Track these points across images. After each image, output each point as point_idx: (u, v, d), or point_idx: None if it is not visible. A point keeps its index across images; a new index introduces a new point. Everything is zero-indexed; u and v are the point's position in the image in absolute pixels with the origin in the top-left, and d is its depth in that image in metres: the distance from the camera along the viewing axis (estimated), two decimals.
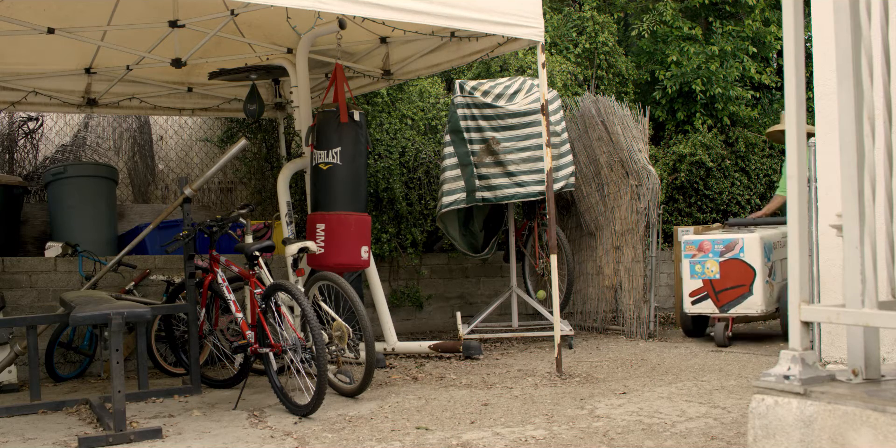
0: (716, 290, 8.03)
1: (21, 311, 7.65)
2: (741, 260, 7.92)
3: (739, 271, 7.93)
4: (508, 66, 10.68)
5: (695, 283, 8.15)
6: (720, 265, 8.00)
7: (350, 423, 5.33)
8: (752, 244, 7.90)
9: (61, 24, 7.46)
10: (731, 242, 7.96)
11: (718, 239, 8.04)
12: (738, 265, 7.94)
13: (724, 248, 7.98)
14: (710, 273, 8.04)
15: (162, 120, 10.77)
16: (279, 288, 5.84)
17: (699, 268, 8.12)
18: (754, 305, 7.93)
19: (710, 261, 8.05)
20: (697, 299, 8.16)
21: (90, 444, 4.92)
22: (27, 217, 9.21)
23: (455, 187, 8.38)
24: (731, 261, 7.97)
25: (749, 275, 7.88)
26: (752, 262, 7.88)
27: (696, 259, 8.12)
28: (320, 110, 7.33)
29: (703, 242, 8.09)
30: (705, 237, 8.12)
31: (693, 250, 8.13)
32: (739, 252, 7.90)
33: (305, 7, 5.57)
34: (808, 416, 2.80)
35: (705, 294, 8.11)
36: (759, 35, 12.91)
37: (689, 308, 8.27)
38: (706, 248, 8.05)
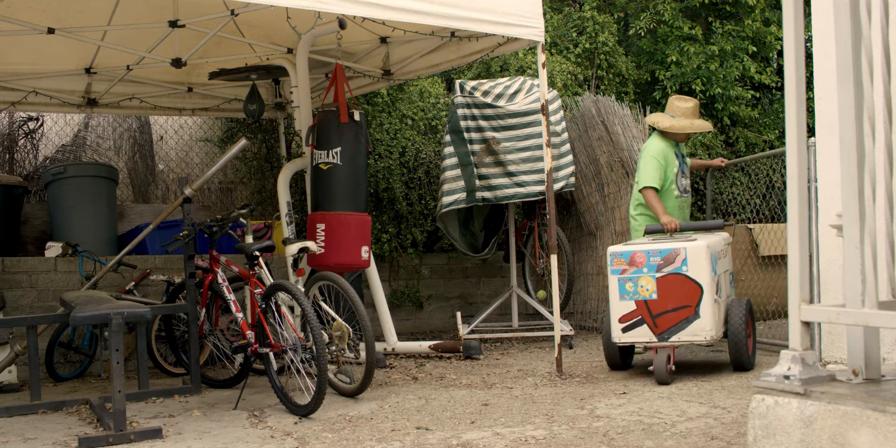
0: (653, 313, 6.24)
1: (21, 311, 7.65)
2: (684, 275, 6.17)
3: (682, 289, 6.18)
4: (509, 66, 10.68)
5: (625, 305, 6.32)
6: (657, 282, 6.21)
7: (350, 423, 5.33)
8: (697, 255, 6.17)
9: (61, 24, 7.46)
10: (670, 253, 6.21)
11: (654, 249, 6.25)
12: (681, 281, 6.18)
13: (662, 260, 6.22)
14: (646, 292, 6.25)
15: (162, 120, 10.77)
16: (279, 288, 5.84)
17: (631, 286, 6.30)
18: (702, 331, 6.17)
19: (645, 277, 6.25)
20: (630, 326, 6.32)
21: (90, 444, 4.92)
22: (27, 217, 9.21)
23: (455, 187, 8.38)
24: (672, 277, 6.20)
25: (694, 293, 6.15)
26: (698, 278, 6.15)
27: (627, 275, 6.30)
28: (320, 110, 7.33)
29: (635, 255, 6.29)
30: (637, 248, 6.33)
31: (622, 264, 6.33)
32: (682, 265, 6.18)
33: (305, 7, 5.57)
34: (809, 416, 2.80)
35: (639, 319, 6.29)
36: (759, 35, 12.91)
37: (618, 337, 6.40)
38: (639, 261, 6.27)
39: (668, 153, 7.33)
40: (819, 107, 5.51)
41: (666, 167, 7.29)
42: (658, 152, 7.29)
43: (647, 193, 7.18)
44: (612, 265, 6.40)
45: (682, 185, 7.46)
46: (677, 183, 7.40)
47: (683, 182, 7.50)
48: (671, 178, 7.34)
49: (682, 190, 7.45)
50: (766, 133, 12.99)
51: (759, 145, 12.95)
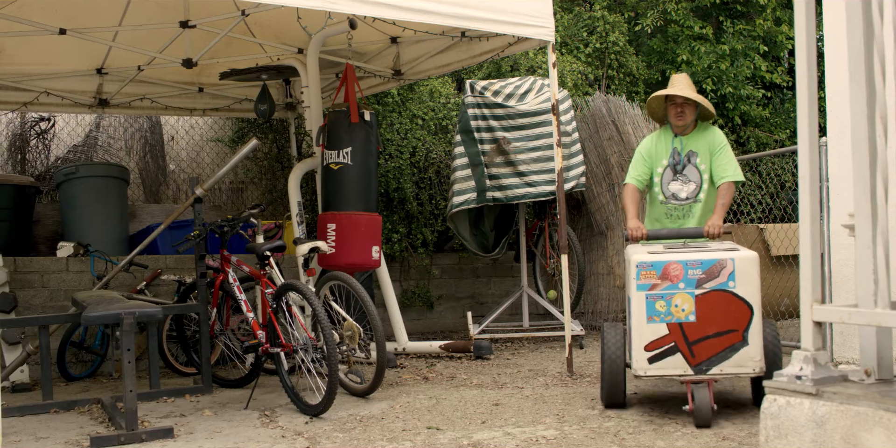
0: (689, 339, 5.09)
1: (33, 311, 7.67)
2: (731, 292, 5.06)
3: (728, 310, 5.08)
4: (519, 65, 10.67)
5: (654, 329, 5.12)
6: (697, 301, 5.07)
7: (361, 422, 5.33)
8: (747, 268, 5.08)
9: (73, 25, 7.48)
10: (714, 265, 5.10)
11: (694, 260, 5.12)
12: (726, 301, 5.08)
13: (704, 274, 5.10)
14: (681, 313, 5.09)
15: (173, 120, 10.79)
16: (290, 288, 5.84)
17: (662, 305, 5.12)
18: (750, 361, 5.05)
19: (681, 295, 5.10)
20: (659, 354, 5.11)
21: (102, 443, 4.94)
22: (39, 217, 9.24)
23: (466, 187, 8.38)
24: (715, 295, 5.08)
25: (743, 315, 5.07)
26: (748, 296, 5.06)
27: (658, 292, 5.12)
28: (331, 110, 7.34)
29: (670, 266, 5.14)
30: (672, 257, 5.17)
31: (651, 278, 5.15)
32: (728, 280, 5.08)
33: (316, 7, 5.58)
34: (821, 416, 2.79)
35: (672, 346, 5.10)
36: (770, 34, 12.88)
37: (643, 368, 5.13)
38: (674, 274, 5.12)
39: (658, 147, 6.18)
40: (830, 106, 5.49)
41: (651, 163, 6.20)
42: (643, 145, 6.30)
43: (622, 190, 6.28)
44: (639, 279, 5.16)
45: (671, 190, 6.16)
46: (662, 186, 6.15)
47: (675, 186, 6.16)
48: (658, 179, 6.18)
49: (670, 196, 6.15)
50: (777, 133, 12.96)
51: (770, 145, 12.92)
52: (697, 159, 6.09)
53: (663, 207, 6.16)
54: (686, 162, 6.13)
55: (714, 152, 6.02)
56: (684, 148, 6.13)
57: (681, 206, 6.13)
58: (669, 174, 6.15)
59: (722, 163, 5.97)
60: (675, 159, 6.15)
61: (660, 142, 6.21)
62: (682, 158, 6.14)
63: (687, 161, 6.13)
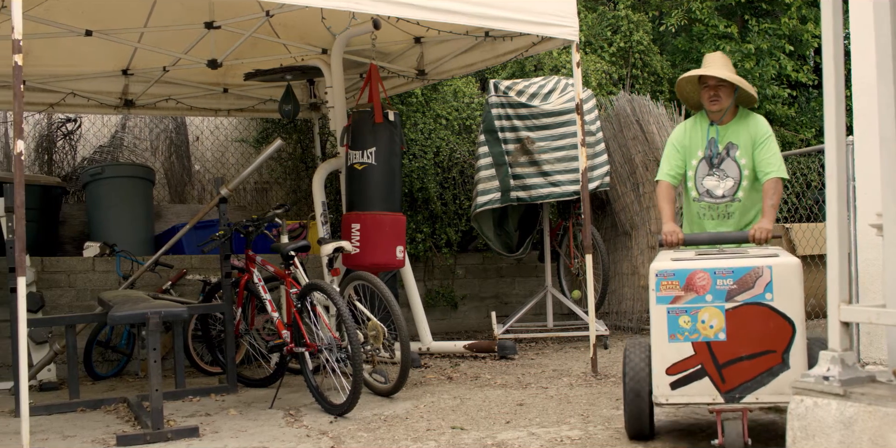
0: (719, 361, 4.36)
1: (60, 311, 7.72)
2: (768, 306, 4.31)
3: (765, 327, 4.33)
4: (543, 65, 10.65)
5: (678, 348, 4.41)
6: (728, 317, 4.35)
7: (385, 422, 5.34)
8: (787, 277, 4.31)
9: (99, 26, 7.53)
10: (748, 274, 4.36)
11: (724, 268, 4.39)
12: (763, 316, 4.32)
13: (736, 284, 4.37)
14: (709, 331, 4.37)
15: (198, 121, 10.84)
16: (315, 287, 5.86)
17: (686, 321, 4.42)
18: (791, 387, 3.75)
19: (709, 309, 4.38)
20: (683, 379, 4.40)
21: (128, 442, 4.96)
22: (66, 217, 9.30)
23: (490, 187, 8.38)
24: (750, 309, 4.33)
25: (783, 333, 4.29)
26: (789, 311, 4.28)
27: (682, 305, 4.42)
28: (355, 110, 7.35)
29: (695, 275, 4.42)
30: (698, 264, 4.46)
31: (674, 289, 4.45)
32: (765, 292, 4.32)
33: (340, 7, 5.59)
34: (849, 417, 2.77)
35: (699, 368, 4.38)
36: (795, 33, 12.80)
37: (665, 395, 4.42)
38: (700, 285, 4.41)
39: (692, 136, 5.44)
40: (857, 105, 5.46)
41: (684, 154, 5.45)
42: (675, 134, 5.54)
43: (656, 189, 5.69)
44: (659, 290, 4.45)
45: (705, 186, 5.39)
46: (696, 181, 5.41)
47: (710, 182, 5.39)
48: (692, 172, 5.44)
49: (704, 193, 5.40)
50: (802, 132, 12.88)
51: (797, 144, 12.85)
52: (737, 152, 5.31)
53: (696, 206, 5.46)
54: (724, 155, 5.35)
55: (757, 144, 5.25)
56: (722, 138, 5.35)
57: (716, 205, 5.38)
58: (704, 168, 5.40)
59: (766, 157, 5.21)
60: (712, 151, 5.36)
61: (694, 130, 5.45)
62: (719, 150, 5.35)
63: (725, 154, 5.35)
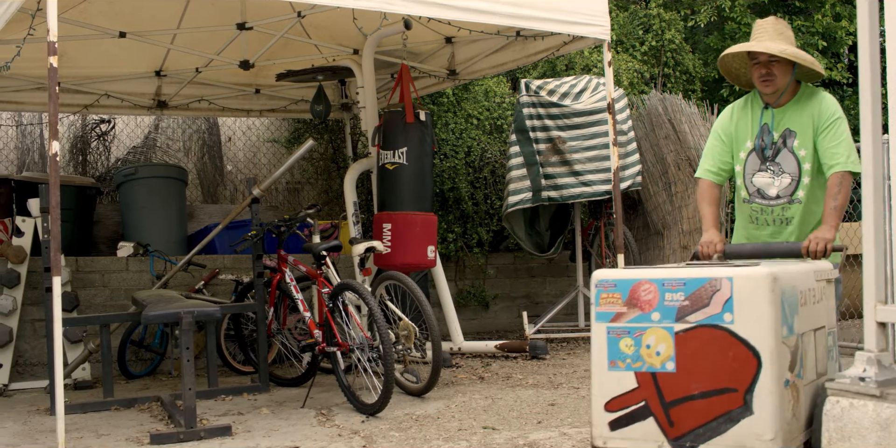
0: (666, 398, 3.42)
1: (94, 310, 7.79)
2: (726, 330, 3.32)
3: (722, 357, 3.33)
4: (574, 64, 10.63)
5: (618, 379, 3.53)
6: (677, 341, 3.40)
7: (417, 422, 5.34)
8: (752, 293, 3.29)
9: (132, 28, 7.58)
10: (702, 288, 3.38)
11: (673, 279, 3.45)
12: (720, 342, 3.33)
13: (688, 300, 3.40)
14: (655, 359, 3.44)
15: (230, 121, 10.90)
16: (346, 287, 5.87)
17: (629, 345, 3.50)
18: (755, 440, 3.24)
19: (655, 330, 3.44)
20: (625, 417, 3.53)
21: (162, 440, 5.00)
22: (100, 217, 9.37)
23: (521, 187, 8.37)
24: (704, 332, 3.36)
25: (746, 366, 3.28)
26: (753, 338, 3.27)
27: (623, 324, 3.52)
28: (386, 110, 7.36)
29: (639, 287, 3.51)
30: (644, 274, 3.54)
31: (615, 303, 3.55)
32: (723, 312, 3.32)
33: (371, 8, 5.60)
34: (885, 418, 2.75)
35: (642, 406, 3.47)
36: (829, 30, 12.69)
37: (603, 435, 3.60)
38: (645, 299, 3.48)
39: (741, 122, 4.46)
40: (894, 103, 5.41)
41: (731, 145, 4.50)
42: (720, 121, 4.57)
43: (697, 187, 4.66)
44: (599, 304, 3.57)
45: (756, 184, 4.40)
46: (745, 178, 4.44)
47: (762, 179, 4.38)
48: (740, 167, 4.47)
49: (755, 193, 4.42)
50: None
51: None
52: (795, 141, 4.30)
53: (747, 209, 4.48)
54: (780, 145, 4.34)
55: (820, 130, 4.23)
56: (778, 124, 4.35)
57: (769, 208, 4.37)
58: (755, 162, 4.41)
59: (831, 145, 4.19)
60: (764, 141, 4.38)
61: (743, 115, 4.47)
62: (773, 139, 4.35)
63: (782, 143, 4.34)
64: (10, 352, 7.13)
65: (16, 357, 7.28)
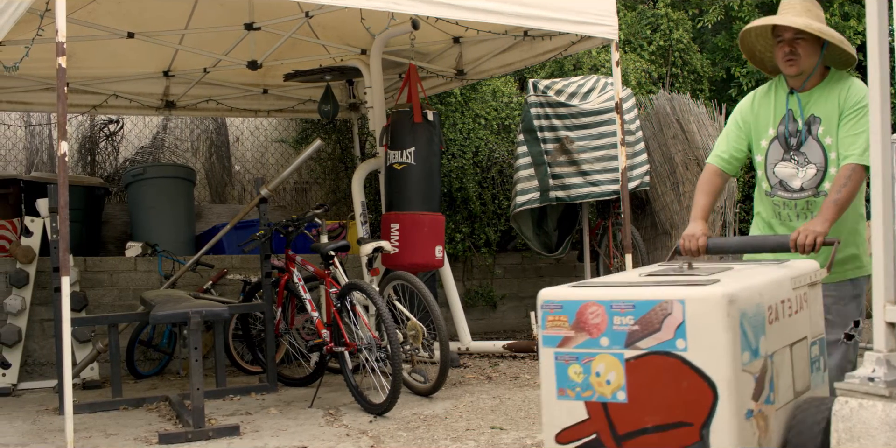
0: (618, 432, 3.03)
1: (102, 310, 7.80)
2: (680, 359, 2.90)
3: (677, 388, 2.91)
4: (582, 64, 10.62)
5: (569, 409, 3.10)
6: (628, 370, 2.99)
7: (425, 422, 5.34)
8: (707, 317, 2.86)
9: (140, 29, 7.60)
10: (653, 311, 2.94)
11: (622, 301, 3.00)
12: (674, 372, 2.92)
13: (638, 324, 2.97)
14: (605, 388, 3.03)
15: (238, 121, 10.91)
16: (354, 287, 5.87)
17: (578, 373, 3.09)
18: None
19: (604, 357, 3.04)
20: None
21: (170, 440, 5.01)
22: (108, 217, 9.39)
23: (529, 187, 8.36)
24: (656, 360, 2.94)
25: (702, 398, 2.86)
26: (709, 368, 2.85)
27: (571, 350, 3.09)
28: (394, 110, 7.37)
29: (587, 308, 3.06)
30: (593, 295, 3.09)
31: (563, 326, 3.10)
32: (675, 337, 2.91)
33: (379, 8, 5.60)
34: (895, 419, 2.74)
35: (594, 438, 3.06)
36: (838, 29, 12.66)
37: None
38: (593, 322, 3.05)
39: (764, 108, 4.11)
40: None
41: (749, 132, 4.14)
42: (741, 105, 4.22)
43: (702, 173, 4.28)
44: (546, 327, 3.12)
45: (778, 175, 4.05)
46: (767, 169, 4.08)
47: (784, 170, 4.03)
48: (761, 157, 4.11)
49: (777, 184, 4.07)
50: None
51: None
52: (820, 128, 3.94)
53: (768, 202, 4.13)
54: (805, 132, 3.97)
55: (844, 115, 3.89)
56: (804, 110, 3.99)
57: (792, 202, 4.03)
58: (777, 151, 4.06)
59: (850, 133, 3.85)
60: (787, 128, 4.00)
61: (766, 100, 4.12)
62: (798, 127, 3.98)
63: (807, 131, 3.97)
64: (19, 351, 7.15)
65: (25, 357, 7.30)
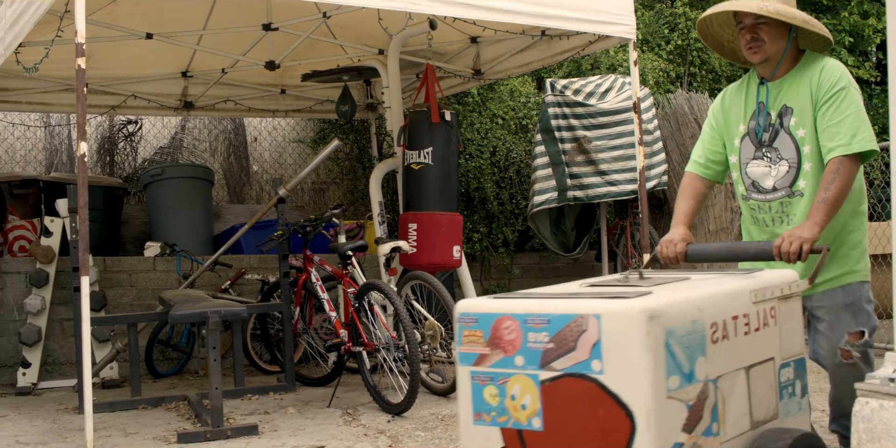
0: None
1: (121, 310, 7.83)
2: (596, 382, 2.44)
3: (593, 415, 2.45)
4: (599, 64, 10.60)
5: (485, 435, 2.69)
6: (543, 393, 2.54)
7: (442, 421, 5.34)
8: (622, 335, 2.42)
9: (159, 30, 7.62)
10: (569, 326, 2.49)
11: (538, 313, 2.56)
12: (590, 398, 2.46)
13: (553, 341, 2.52)
14: (521, 413, 2.60)
15: (256, 121, 10.94)
16: (372, 287, 5.88)
17: (493, 395, 2.67)
18: None
19: (520, 378, 2.59)
20: None
21: (189, 439, 5.02)
22: (127, 218, 9.43)
23: (546, 187, 8.35)
24: (572, 383, 2.49)
25: (619, 427, 2.41)
26: (626, 393, 2.40)
27: (487, 369, 2.69)
28: (412, 110, 7.37)
29: (502, 323, 2.64)
30: (507, 307, 2.66)
31: (478, 342, 2.73)
32: (591, 357, 2.45)
33: (396, 8, 5.60)
34: None
35: None
36: (856, 28, 12.59)
37: None
38: (508, 338, 2.63)
39: (734, 103, 3.73)
40: None
41: (722, 130, 3.78)
42: (715, 103, 3.87)
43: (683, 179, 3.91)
44: (462, 343, 2.80)
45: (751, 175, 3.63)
46: (741, 168, 3.67)
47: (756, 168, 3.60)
48: (735, 157, 3.71)
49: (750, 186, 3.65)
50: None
51: None
52: (792, 119, 3.49)
53: (746, 206, 3.73)
54: (777, 126, 3.54)
55: (820, 103, 3.39)
56: (774, 101, 3.56)
57: (766, 204, 3.59)
58: (749, 148, 3.64)
59: (831, 123, 3.34)
60: (760, 122, 3.58)
61: (737, 95, 3.73)
62: (771, 120, 3.56)
63: (779, 124, 3.53)
64: (38, 351, 7.19)
65: (44, 356, 7.34)
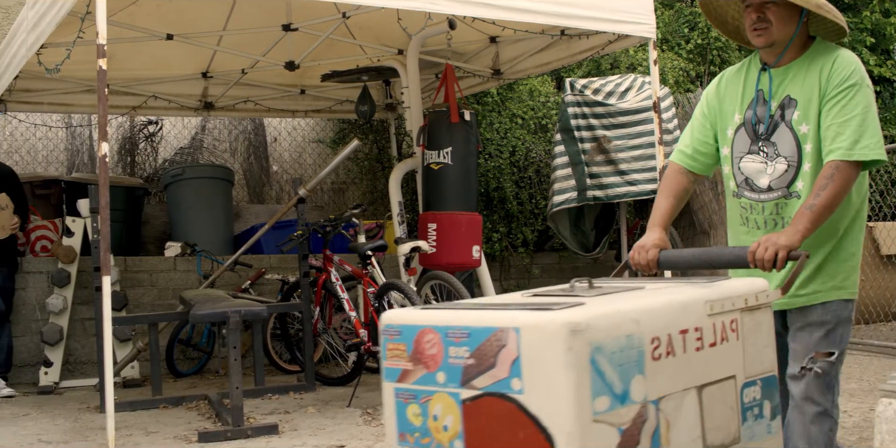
0: None
1: (142, 309, 7.87)
2: (516, 403, 2.01)
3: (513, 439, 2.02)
4: (619, 63, 10.57)
5: None
6: (465, 413, 2.11)
7: None
8: (541, 352, 1.98)
9: (179, 31, 7.65)
10: (489, 340, 2.06)
11: (459, 326, 2.11)
12: (510, 419, 2.02)
13: (474, 357, 2.09)
14: (443, 435, 2.16)
15: (276, 122, 10.96)
16: (392, 287, 5.88)
17: (417, 415, 2.22)
18: None
19: (442, 396, 2.16)
20: None
21: (209, 438, 5.04)
22: (147, 218, 9.47)
23: (566, 186, 8.33)
24: (492, 403, 2.06)
25: None
26: (545, 415, 1.96)
27: (410, 385, 2.23)
28: (431, 110, 7.37)
29: (424, 336, 2.18)
30: (429, 320, 2.19)
31: (401, 357, 2.25)
32: (511, 375, 2.01)
33: (416, 8, 5.60)
34: None
35: None
36: (878, 27, 12.51)
37: None
38: (430, 352, 2.18)
39: (730, 90, 3.28)
40: None
41: (715, 118, 3.30)
42: (709, 88, 3.40)
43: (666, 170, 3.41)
44: (387, 357, 2.33)
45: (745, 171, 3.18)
46: (733, 164, 3.22)
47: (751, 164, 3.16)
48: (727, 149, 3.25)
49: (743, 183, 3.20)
50: (887, 128, 12.58)
51: None
52: (795, 113, 3.06)
53: (736, 205, 3.27)
54: (778, 118, 3.11)
55: (827, 97, 2.99)
56: (776, 90, 3.13)
57: (759, 204, 3.17)
58: (744, 140, 3.19)
59: (836, 121, 2.95)
60: (757, 112, 3.15)
61: (735, 80, 3.29)
62: (771, 111, 3.12)
63: (779, 116, 3.10)
64: (60, 350, 7.23)
65: (66, 355, 7.38)
